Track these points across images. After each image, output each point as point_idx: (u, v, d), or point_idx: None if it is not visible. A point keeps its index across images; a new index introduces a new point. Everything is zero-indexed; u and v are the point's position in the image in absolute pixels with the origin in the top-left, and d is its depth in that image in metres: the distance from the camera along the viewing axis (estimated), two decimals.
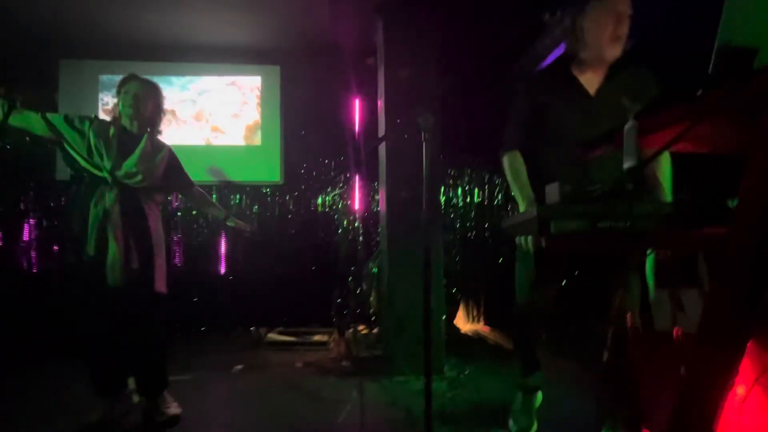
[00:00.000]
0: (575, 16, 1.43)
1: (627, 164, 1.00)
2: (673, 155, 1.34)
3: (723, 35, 0.91)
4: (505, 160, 1.53)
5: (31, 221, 3.91)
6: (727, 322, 0.82)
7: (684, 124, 1.00)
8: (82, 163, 1.78)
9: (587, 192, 1.02)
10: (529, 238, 1.32)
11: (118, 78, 1.93)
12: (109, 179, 1.77)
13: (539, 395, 1.74)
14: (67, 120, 1.79)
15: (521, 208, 1.42)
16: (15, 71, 3.83)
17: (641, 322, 1.32)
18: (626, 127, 1.02)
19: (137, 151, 1.81)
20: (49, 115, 1.78)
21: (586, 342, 1.64)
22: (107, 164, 1.77)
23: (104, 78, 4.03)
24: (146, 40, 3.78)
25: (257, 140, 4.15)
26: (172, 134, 4.06)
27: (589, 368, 1.62)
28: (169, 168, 1.93)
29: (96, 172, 1.78)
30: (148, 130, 1.88)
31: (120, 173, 1.77)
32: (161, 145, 1.94)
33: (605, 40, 1.39)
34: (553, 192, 1.06)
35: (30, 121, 1.76)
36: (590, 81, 1.47)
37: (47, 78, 3.92)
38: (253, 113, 4.20)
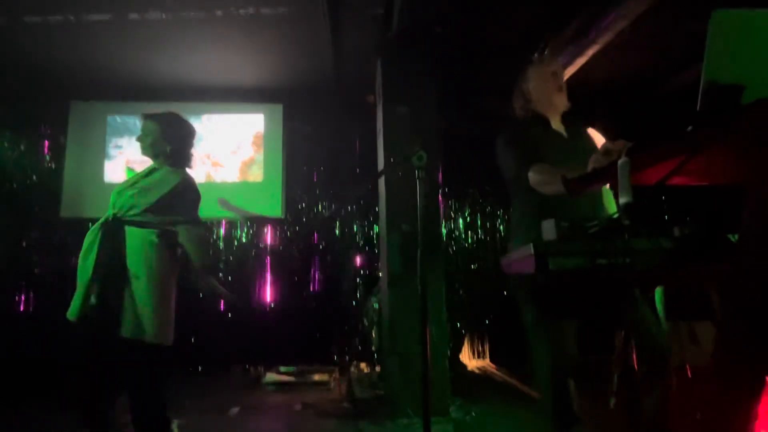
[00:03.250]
0: (519, 83, 1.65)
1: (623, 200, 0.99)
2: (670, 189, 1.33)
3: (708, 73, 0.92)
4: (532, 175, 1.44)
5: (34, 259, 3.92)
6: (741, 359, 0.78)
7: (676, 159, 1.00)
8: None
9: (585, 228, 1.01)
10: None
11: (124, 118, 1.96)
12: (110, 217, 1.73)
13: None
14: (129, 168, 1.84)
15: (558, 188, 1.22)
16: (27, 112, 3.98)
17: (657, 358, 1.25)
18: (619, 162, 1.02)
19: (141, 181, 1.76)
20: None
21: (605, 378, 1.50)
22: (114, 200, 1.74)
23: (110, 119, 4.16)
24: (152, 82, 3.93)
25: (259, 176, 4.21)
26: None
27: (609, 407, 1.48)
28: (174, 197, 1.76)
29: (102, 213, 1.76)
30: (164, 161, 1.82)
31: (117, 205, 1.71)
32: (172, 178, 1.80)
33: (549, 93, 1.59)
34: (549, 229, 1.05)
35: None
36: (556, 125, 1.60)
37: (58, 119, 4.05)
38: (256, 150, 4.28)
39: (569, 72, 3.10)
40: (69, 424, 1.78)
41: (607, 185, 1.43)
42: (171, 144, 1.82)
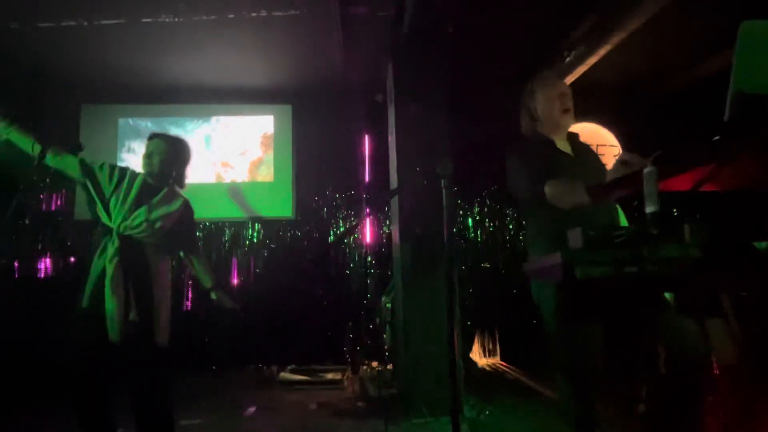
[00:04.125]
0: (526, 100, 1.65)
1: (649, 209, 1.00)
2: (695, 195, 1.34)
3: (737, 83, 0.93)
4: (549, 190, 1.41)
5: (48, 260, 3.97)
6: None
7: (702, 168, 1.01)
8: (99, 207, 1.80)
9: (611, 237, 1.02)
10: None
11: (136, 121, 1.98)
12: (113, 231, 1.77)
13: None
14: (102, 168, 1.84)
15: (579, 198, 1.28)
16: (40, 116, 4.01)
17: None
18: (646, 171, 1.03)
19: (148, 203, 1.82)
20: (87, 161, 1.83)
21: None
22: (118, 214, 1.78)
23: (123, 122, 4.18)
24: (163, 84, 3.95)
25: (268, 176, 4.23)
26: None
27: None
28: (179, 223, 1.90)
29: (106, 220, 1.79)
30: (170, 183, 1.90)
31: (125, 224, 1.77)
32: (176, 199, 1.91)
33: (556, 114, 1.59)
34: (576, 237, 1.06)
35: (66, 163, 1.81)
36: (562, 145, 1.61)
37: (70, 122, 4.09)
38: (265, 150, 4.30)
39: (581, 71, 3.09)
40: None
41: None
42: (177, 167, 1.93)
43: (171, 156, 1.90)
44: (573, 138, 1.65)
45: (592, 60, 2.99)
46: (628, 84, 3.74)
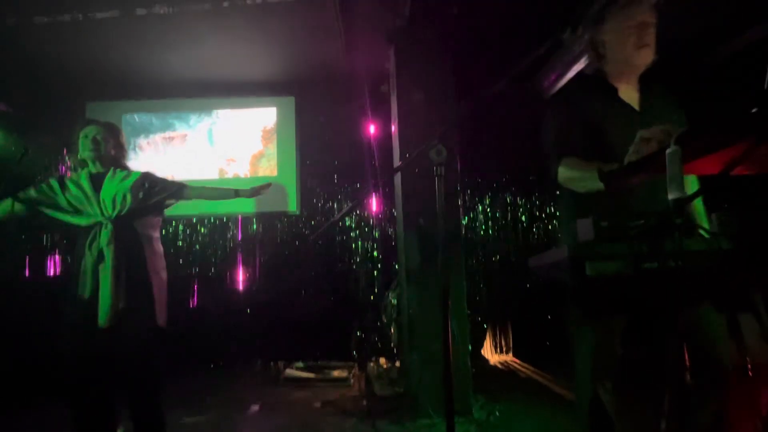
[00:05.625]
0: (593, 31, 1.32)
1: (672, 195, 0.86)
2: (726, 179, 1.18)
3: None
4: (562, 170, 1.24)
5: (56, 258, 4.00)
6: None
7: (736, 146, 0.86)
8: (67, 218, 1.81)
9: (627, 228, 0.89)
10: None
11: (140, 116, 1.95)
12: (102, 219, 1.77)
13: None
14: (38, 190, 1.83)
15: (593, 184, 1.08)
16: (45, 116, 4.02)
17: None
18: (668, 152, 0.89)
19: (109, 183, 1.83)
20: (20, 194, 1.81)
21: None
22: (94, 208, 1.79)
23: (128, 117, 4.16)
24: (164, 79, 3.89)
25: (269, 170, 4.16)
26: (189, 168, 4.13)
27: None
28: (152, 185, 1.90)
29: (82, 221, 1.79)
30: (112, 167, 1.90)
31: (109, 209, 1.78)
32: (132, 172, 1.93)
33: (629, 51, 1.27)
34: (586, 228, 0.93)
35: (3, 209, 1.79)
36: (628, 94, 1.31)
37: (76, 120, 4.08)
38: (266, 143, 4.22)
39: None
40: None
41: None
42: (122, 151, 1.97)
43: (114, 139, 1.92)
44: (646, 81, 1.31)
45: None
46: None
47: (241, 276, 4.13)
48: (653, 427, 0.93)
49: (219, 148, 4.21)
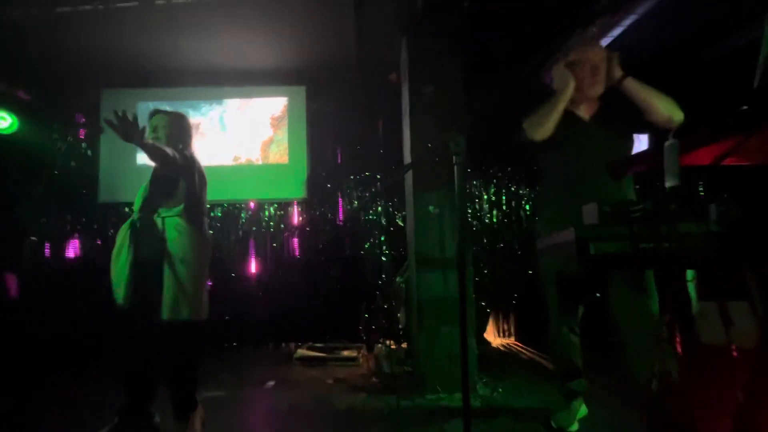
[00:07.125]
0: (554, 73, 1.70)
1: (669, 183, 0.97)
2: (718, 169, 1.29)
3: (766, 50, 0.88)
4: (526, 124, 1.67)
5: (77, 241, 4.14)
6: None
7: (728, 139, 0.96)
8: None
9: (628, 212, 1.00)
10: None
11: (155, 105, 2.04)
12: (136, 215, 1.88)
13: (583, 407, 1.73)
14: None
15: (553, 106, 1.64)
16: (63, 102, 4.12)
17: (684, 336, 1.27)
18: (666, 144, 0.99)
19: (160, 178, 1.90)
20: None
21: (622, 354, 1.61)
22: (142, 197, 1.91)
23: (142, 105, 4.24)
24: (179, 67, 3.97)
25: (280, 157, 4.26)
26: (202, 155, 4.22)
27: (629, 383, 1.60)
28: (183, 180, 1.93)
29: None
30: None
31: (140, 205, 1.88)
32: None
33: (585, 86, 1.65)
34: (591, 212, 1.04)
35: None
36: (584, 110, 1.70)
37: (92, 107, 4.18)
38: (275, 130, 4.31)
39: (605, 42, 2.96)
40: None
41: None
42: (183, 138, 2.02)
43: (175, 129, 2.00)
44: (606, 101, 1.69)
45: (617, 31, 2.86)
46: (652, 55, 3.56)
47: (253, 261, 4.27)
48: None
49: (231, 134, 4.31)
